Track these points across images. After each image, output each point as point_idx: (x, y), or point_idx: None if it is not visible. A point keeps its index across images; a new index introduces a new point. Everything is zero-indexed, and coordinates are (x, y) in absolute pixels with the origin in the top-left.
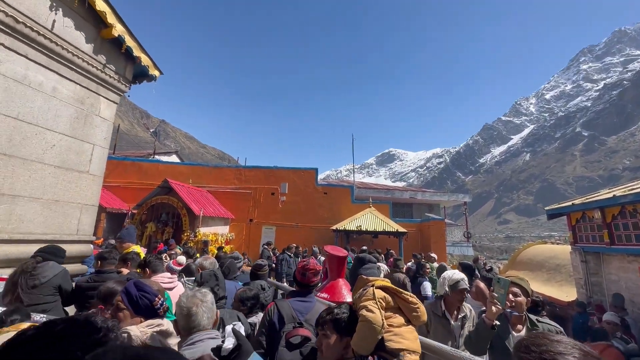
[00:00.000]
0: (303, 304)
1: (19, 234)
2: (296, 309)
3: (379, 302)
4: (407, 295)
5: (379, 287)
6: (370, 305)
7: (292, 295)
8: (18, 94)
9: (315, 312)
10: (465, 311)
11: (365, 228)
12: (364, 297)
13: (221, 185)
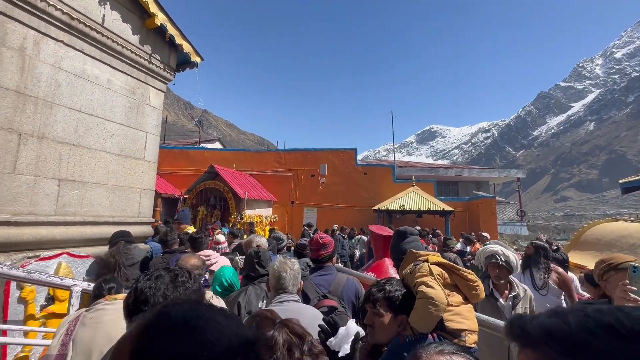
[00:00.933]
0: (323, 278)
1: (91, 216)
2: (317, 283)
3: (438, 278)
4: (466, 272)
5: (434, 262)
6: (430, 281)
7: (311, 273)
8: (79, 88)
9: (337, 283)
10: (518, 290)
11: (409, 207)
12: (418, 272)
13: (262, 169)
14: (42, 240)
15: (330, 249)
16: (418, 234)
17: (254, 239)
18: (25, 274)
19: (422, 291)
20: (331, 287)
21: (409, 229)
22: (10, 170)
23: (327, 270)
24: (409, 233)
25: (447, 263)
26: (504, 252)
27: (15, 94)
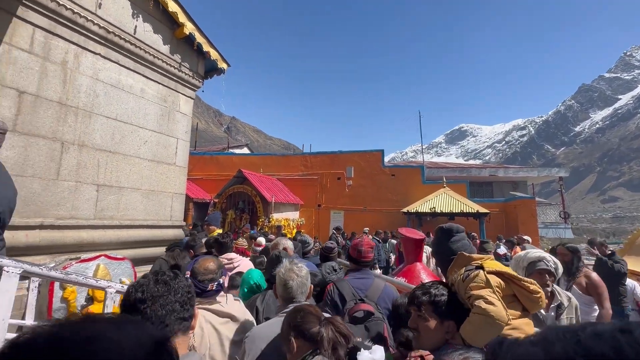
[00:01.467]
0: (361, 281)
1: (127, 220)
2: (355, 286)
3: (496, 291)
4: (527, 283)
5: (492, 272)
6: (489, 295)
7: (349, 274)
8: (115, 97)
9: (374, 288)
10: (561, 299)
11: (440, 209)
12: (474, 282)
13: (289, 172)
14: (83, 243)
15: (372, 255)
16: (464, 231)
17: (280, 241)
18: (63, 275)
19: (479, 307)
20: (368, 291)
21: (455, 226)
22: (54, 176)
23: (365, 274)
24: (455, 231)
25: (506, 272)
26: (552, 258)
27: (58, 105)
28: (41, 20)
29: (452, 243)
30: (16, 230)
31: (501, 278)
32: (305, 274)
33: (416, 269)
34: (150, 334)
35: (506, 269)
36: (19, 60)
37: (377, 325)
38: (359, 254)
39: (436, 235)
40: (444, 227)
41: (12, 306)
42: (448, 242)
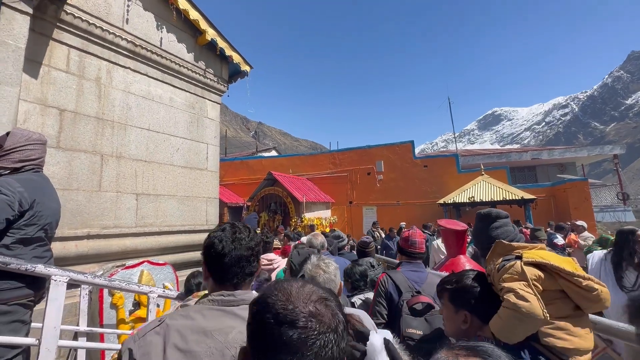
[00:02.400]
0: (416, 274)
1: (165, 226)
2: (410, 279)
3: (534, 284)
4: (580, 278)
5: (530, 263)
6: (522, 288)
7: (402, 266)
8: (146, 108)
9: (429, 283)
10: None
11: (480, 198)
12: (507, 273)
13: (318, 171)
14: (127, 250)
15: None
16: (508, 216)
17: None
18: (108, 282)
19: (508, 300)
20: (424, 285)
21: (495, 210)
22: (97, 188)
23: (419, 267)
24: (495, 216)
25: (550, 264)
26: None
27: (96, 119)
28: (75, 41)
29: (492, 230)
30: (67, 241)
31: (543, 271)
32: (334, 269)
33: (460, 262)
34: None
35: (554, 259)
36: (58, 80)
37: (439, 318)
38: (411, 246)
39: (476, 223)
40: (483, 212)
41: (61, 314)
42: (488, 229)
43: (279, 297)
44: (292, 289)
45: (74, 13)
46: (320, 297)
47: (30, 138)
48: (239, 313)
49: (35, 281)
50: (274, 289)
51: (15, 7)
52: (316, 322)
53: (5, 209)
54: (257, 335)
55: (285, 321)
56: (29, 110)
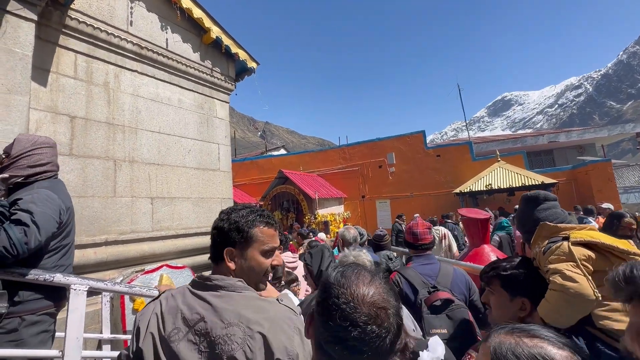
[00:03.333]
0: (428, 267)
1: (181, 229)
2: (423, 273)
3: (583, 265)
4: (635, 254)
5: (578, 242)
6: (569, 269)
7: (412, 261)
8: (156, 111)
9: (444, 274)
10: None
11: (498, 185)
12: (555, 255)
13: (328, 167)
14: (145, 255)
15: (431, 237)
16: (557, 199)
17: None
18: (127, 288)
19: (554, 282)
20: (438, 277)
21: (543, 192)
22: (112, 194)
23: (429, 259)
24: (543, 198)
25: (600, 243)
26: None
27: (107, 125)
28: (81, 46)
29: (539, 212)
30: (85, 249)
31: (594, 250)
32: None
33: (485, 252)
34: None
35: (606, 238)
36: (66, 87)
37: (461, 312)
38: (414, 238)
39: (521, 206)
40: (529, 194)
41: (83, 324)
42: (534, 212)
43: (345, 294)
44: (358, 289)
45: (79, 18)
46: (382, 300)
47: (36, 142)
48: (210, 300)
49: (56, 290)
50: (342, 280)
51: (20, 15)
52: (375, 326)
53: (54, 225)
54: (324, 318)
55: (348, 319)
56: (40, 119)
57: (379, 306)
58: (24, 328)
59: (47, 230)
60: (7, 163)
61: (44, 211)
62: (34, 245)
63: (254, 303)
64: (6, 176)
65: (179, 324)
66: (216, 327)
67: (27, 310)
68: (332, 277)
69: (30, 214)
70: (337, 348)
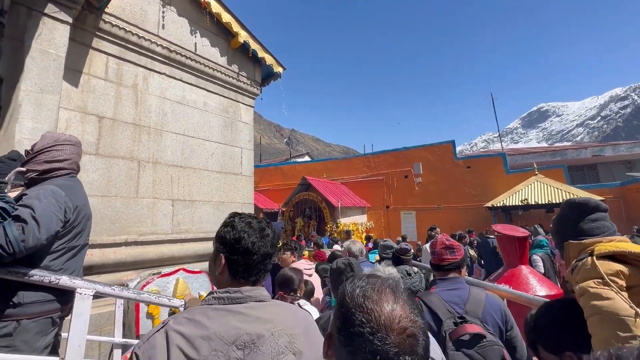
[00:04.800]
0: (454, 293)
1: (201, 232)
2: (448, 300)
3: (612, 280)
4: None
5: (604, 255)
6: (594, 287)
7: (435, 285)
8: (181, 114)
9: (474, 300)
10: None
11: (535, 200)
12: (580, 273)
13: (352, 175)
14: (163, 257)
15: (459, 255)
16: (608, 209)
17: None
18: (136, 295)
19: (584, 306)
20: (467, 305)
21: (594, 200)
22: (134, 194)
23: (456, 283)
24: (595, 206)
25: (629, 252)
26: None
27: (133, 126)
28: (112, 49)
29: (586, 222)
30: (105, 248)
31: (624, 263)
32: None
33: (522, 274)
34: None
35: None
36: (97, 88)
37: (494, 350)
38: (435, 258)
39: (561, 212)
40: (577, 200)
41: (86, 330)
42: (579, 221)
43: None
44: (383, 313)
45: (112, 22)
46: (411, 324)
47: (58, 139)
48: (245, 312)
49: (60, 294)
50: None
51: (56, 17)
52: (407, 356)
53: (57, 223)
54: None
55: (377, 354)
56: (70, 118)
57: (409, 334)
58: (19, 334)
59: (49, 227)
60: (28, 158)
61: (47, 207)
62: (32, 244)
63: (285, 309)
64: (23, 169)
65: (216, 345)
66: (261, 337)
67: (25, 315)
68: (352, 298)
69: (31, 210)
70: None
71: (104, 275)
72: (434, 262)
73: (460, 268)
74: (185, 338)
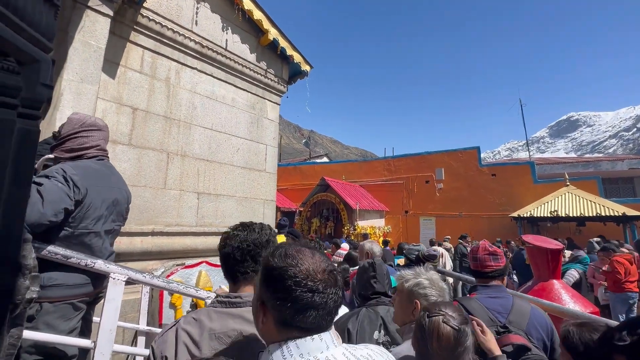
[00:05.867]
0: (497, 301)
1: (224, 227)
2: (491, 308)
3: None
4: None
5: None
6: None
7: (477, 291)
8: (210, 108)
9: (518, 312)
10: None
11: (565, 213)
12: None
13: (372, 178)
14: (187, 249)
15: (502, 263)
16: None
17: (366, 245)
18: (165, 284)
19: None
20: (510, 315)
21: None
22: (162, 185)
23: (499, 292)
24: None
25: None
26: None
27: (164, 118)
28: (148, 42)
29: None
30: (133, 237)
31: None
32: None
33: (554, 289)
34: None
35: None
36: (132, 80)
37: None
38: (477, 264)
39: None
40: None
41: (118, 315)
42: None
43: (299, 268)
44: (305, 260)
45: (149, 16)
46: (329, 266)
47: (84, 123)
48: (245, 315)
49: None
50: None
51: (98, 10)
52: (332, 287)
53: (64, 199)
54: (286, 297)
55: (310, 289)
56: (106, 109)
57: (329, 270)
58: (41, 316)
59: (55, 204)
60: (56, 143)
61: (54, 184)
62: (34, 218)
63: None
64: (52, 157)
65: (214, 344)
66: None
67: (46, 298)
68: (279, 261)
69: (37, 185)
70: (305, 316)
71: (130, 263)
72: (474, 268)
73: (502, 276)
74: (190, 336)
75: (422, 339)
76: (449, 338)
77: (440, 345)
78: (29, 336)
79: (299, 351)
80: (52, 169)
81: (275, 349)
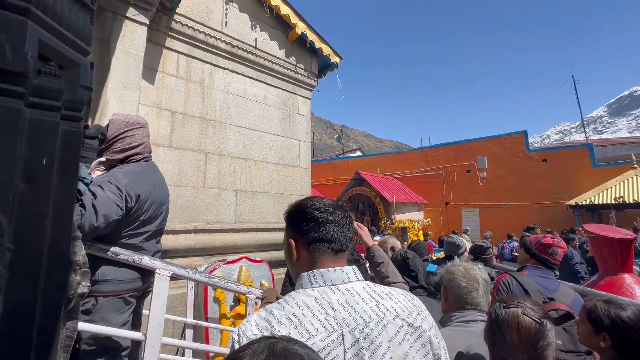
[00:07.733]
0: (546, 281)
1: (261, 223)
2: (539, 284)
3: None
4: None
5: None
6: None
7: (528, 270)
8: (243, 107)
9: (563, 293)
10: None
11: (634, 199)
12: None
13: (408, 170)
14: (227, 245)
15: (560, 257)
16: None
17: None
18: (208, 279)
19: None
20: (556, 293)
21: None
22: (201, 184)
23: (548, 274)
24: None
25: None
26: None
27: (200, 119)
28: (182, 47)
29: None
30: (177, 234)
31: None
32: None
33: (624, 284)
34: None
35: None
36: (169, 85)
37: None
38: (551, 255)
39: None
40: None
41: (164, 308)
42: None
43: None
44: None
45: (182, 21)
46: (339, 203)
47: (128, 122)
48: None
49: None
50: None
51: (135, 19)
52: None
53: (117, 211)
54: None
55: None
56: (147, 113)
57: (341, 206)
58: (97, 311)
59: (107, 216)
60: (104, 146)
61: (107, 195)
62: (87, 230)
63: None
64: (103, 160)
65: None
66: None
67: (100, 292)
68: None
69: (93, 197)
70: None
71: (176, 259)
72: (544, 256)
73: (554, 270)
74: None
75: (499, 330)
76: (530, 330)
77: (520, 336)
78: (86, 328)
79: (323, 279)
80: (104, 177)
81: (304, 276)
